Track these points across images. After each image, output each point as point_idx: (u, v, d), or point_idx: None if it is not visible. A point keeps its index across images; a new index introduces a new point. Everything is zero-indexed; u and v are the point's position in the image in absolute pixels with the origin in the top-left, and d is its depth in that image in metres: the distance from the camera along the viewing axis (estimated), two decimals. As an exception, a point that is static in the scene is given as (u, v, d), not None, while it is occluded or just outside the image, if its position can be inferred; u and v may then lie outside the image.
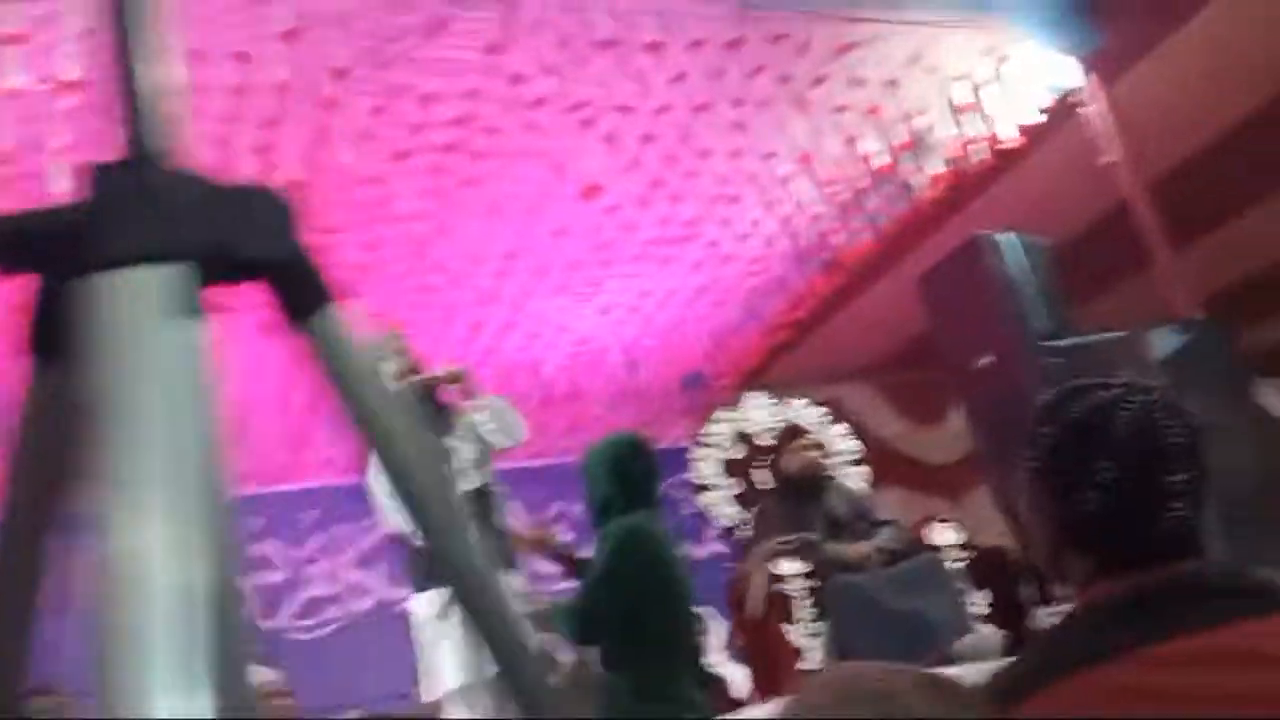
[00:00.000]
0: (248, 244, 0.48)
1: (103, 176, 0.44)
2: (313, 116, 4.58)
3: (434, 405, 4.12)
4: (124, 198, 0.44)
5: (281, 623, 7.46)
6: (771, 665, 4.56)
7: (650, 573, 3.42)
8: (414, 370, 4.16)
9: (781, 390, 5.93)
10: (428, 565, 4.00)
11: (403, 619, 6.94)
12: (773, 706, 4.02)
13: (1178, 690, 1.20)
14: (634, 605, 3.34)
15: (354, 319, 0.52)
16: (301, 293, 0.50)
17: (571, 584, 3.81)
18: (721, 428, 5.54)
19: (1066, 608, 1.40)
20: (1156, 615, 1.26)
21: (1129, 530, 1.27)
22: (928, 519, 5.75)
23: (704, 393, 8.58)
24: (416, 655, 4.13)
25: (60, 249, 0.45)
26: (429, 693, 4.11)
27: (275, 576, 7.55)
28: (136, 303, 0.42)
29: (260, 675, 4.62)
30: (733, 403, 5.81)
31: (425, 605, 4.05)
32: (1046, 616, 4.62)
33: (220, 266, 0.46)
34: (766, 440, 5.42)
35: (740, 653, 5.50)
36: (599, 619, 3.39)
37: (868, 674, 1.06)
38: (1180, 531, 1.27)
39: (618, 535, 3.42)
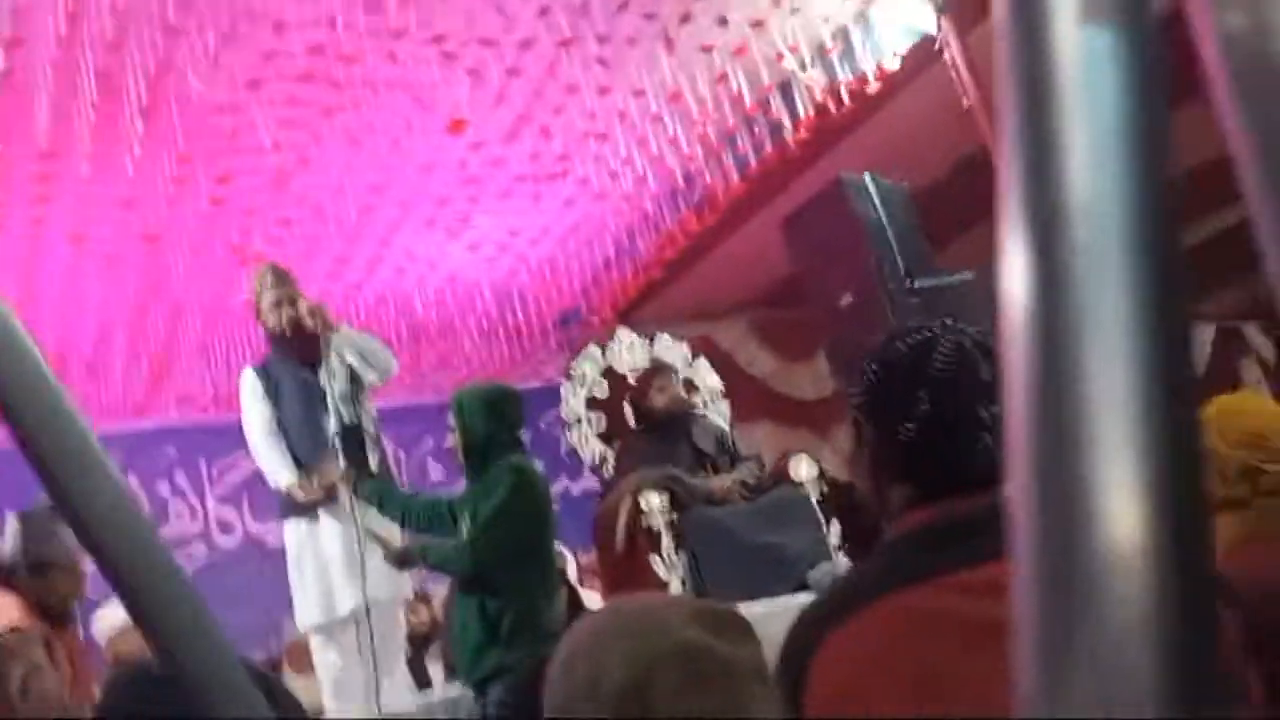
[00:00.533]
0: None
1: None
2: (156, 42, 4.41)
3: (302, 340, 4.04)
4: None
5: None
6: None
7: (542, 509, 3.70)
8: (288, 298, 4.07)
9: (654, 327, 5.97)
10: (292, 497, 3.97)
11: (270, 554, 6.92)
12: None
13: (977, 616, 1.25)
14: (526, 539, 3.56)
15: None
16: None
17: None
18: (588, 365, 5.56)
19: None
20: (963, 542, 1.32)
21: (942, 460, 1.34)
22: (790, 453, 5.89)
23: (579, 330, 8.60)
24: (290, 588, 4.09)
25: None
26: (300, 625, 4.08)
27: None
28: None
29: (117, 611, 4.54)
30: (600, 340, 5.83)
31: (291, 535, 4.02)
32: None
33: None
34: (633, 377, 5.46)
35: (604, 585, 5.58)
36: (495, 552, 3.50)
37: (641, 605, 1.09)
38: (990, 463, 1.32)
39: (514, 473, 3.62)
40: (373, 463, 4.19)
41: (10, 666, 3.20)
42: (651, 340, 5.70)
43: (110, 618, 4.55)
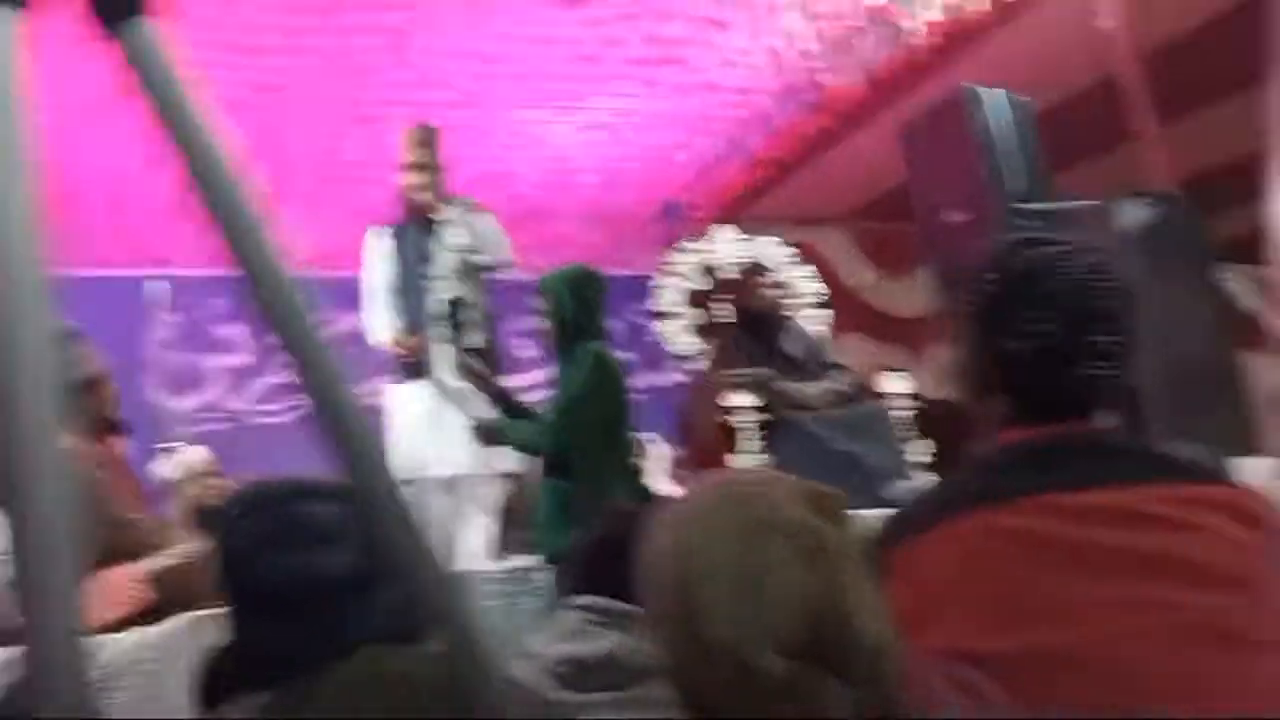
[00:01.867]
0: None
1: None
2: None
3: (423, 210, 4.07)
4: None
5: (245, 405, 7.54)
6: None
7: (621, 393, 3.71)
8: (418, 165, 4.09)
9: (755, 228, 5.90)
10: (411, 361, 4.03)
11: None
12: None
13: (1059, 537, 1.24)
14: (606, 421, 3.61)
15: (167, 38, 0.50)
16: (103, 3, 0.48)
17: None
18: (688, 258, 5.54)
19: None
20: (1059, 465, 1.30)
21: (1049, 380, 1.32)
22: (882, 367, 5.83)
23: (679, 222, 8.53)
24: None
25: None
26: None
27: (240, 359, 7.59)
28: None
29: (194, 454, 4.71)
30: (701, 235, 5.79)
31: (397, 395, 4.10)
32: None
33: None
34: (731, 275, 5.42)
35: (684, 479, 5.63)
36: (571, 434, 3.56)
37: (750, 480, 1.08)
38: (1098, 389, 1.32)
39: (596, 356, 3.65)
40: (480, 341, 4.24)
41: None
42: (755, 239, 5.65)
43: (185, 462, 4.71)
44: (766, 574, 0.96)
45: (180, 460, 4.71)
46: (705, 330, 5.45)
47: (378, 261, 4.10)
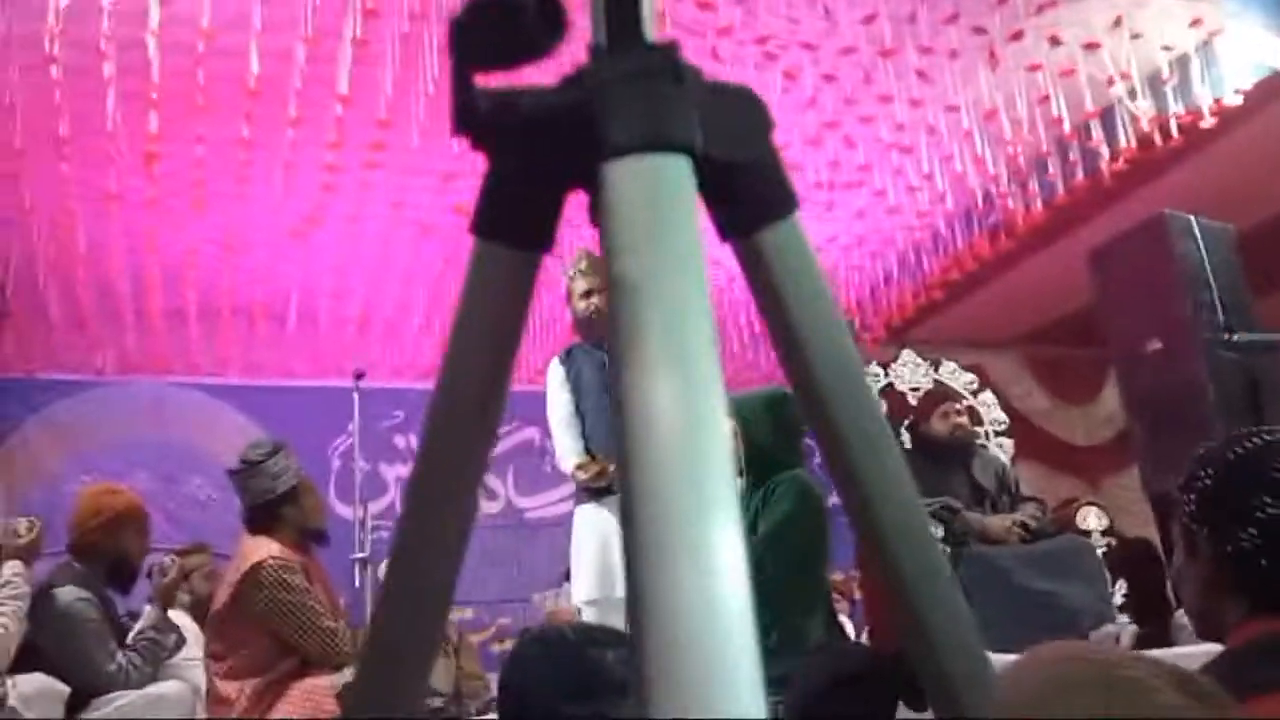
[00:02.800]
0: (729, 140, 0.45)
1: (596, 58, 0.42)
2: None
3: (605, 328, 4.12)
4: (625, 82, 0.42)
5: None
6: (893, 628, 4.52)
7: (822, 525, 3.60)
8: (598, 289, 4.17)
9: (927, 349, 5.80)
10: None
11: (526, 524, 7.13)
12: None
13: None
14: (806, 554, 3.51)
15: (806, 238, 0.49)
16: (764, 200, 0.48)
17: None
18: (869, 382, 5.46)
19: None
20: None
21: None
22: (1070, 501, 5.61)
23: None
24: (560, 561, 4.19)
25: (557, 130, 0.43)
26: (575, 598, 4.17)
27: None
28: (656, 190, 0.40)
29: None
30: (880, 356, 5.71)
31: (579, 517, 4.10)
32: (1185, 616, 4.48)
33: (704, 164, 0.43)
34: (913, 398, 5.31)
35: (865, 609, 5.48)
36: (776, 564, 3.49)
37: (1109, 658, 1.01)
38: None
39: (798, 486, 3.57)
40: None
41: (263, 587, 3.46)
42: (937, 364, 5.54)
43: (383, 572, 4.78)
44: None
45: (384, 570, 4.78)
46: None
47: (560, 389, 4.16)
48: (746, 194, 0.47)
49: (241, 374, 7.49)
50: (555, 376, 4.18)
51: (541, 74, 0.47)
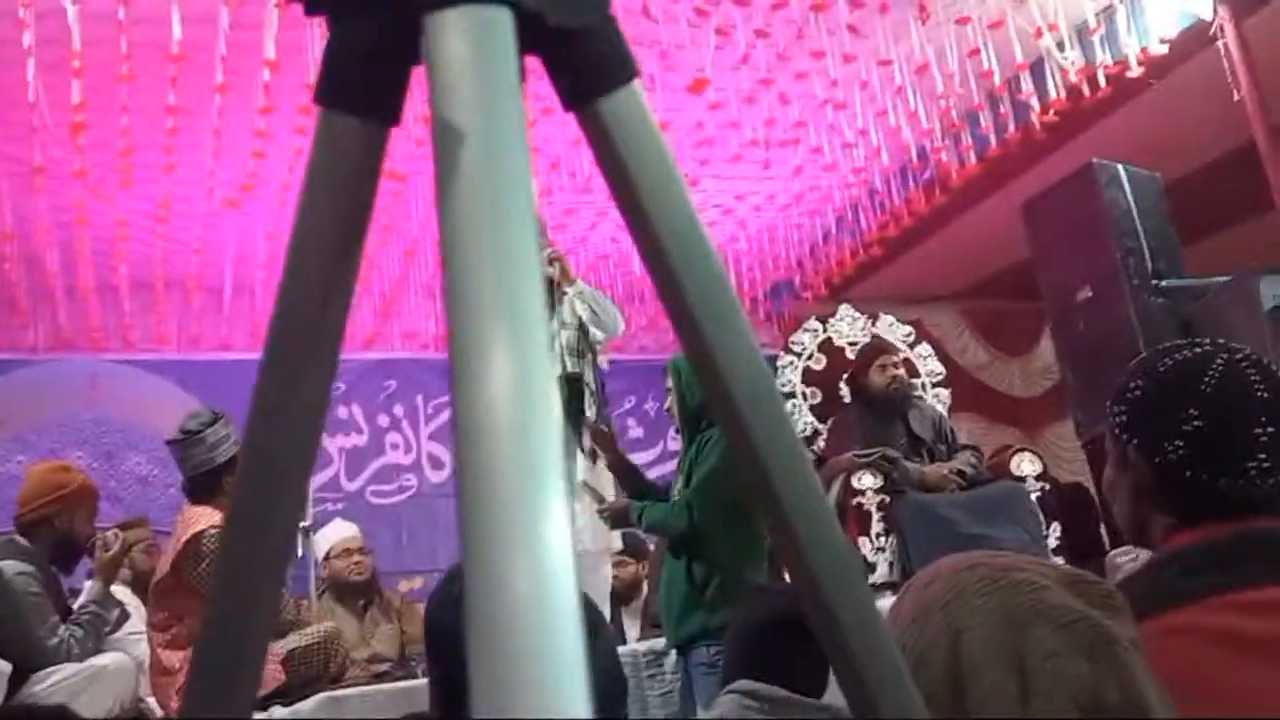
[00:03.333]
0: (562, 3, 0.46)
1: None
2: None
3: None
4: None
5: (360, 485, 7.67)
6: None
7: None
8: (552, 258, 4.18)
9: (866, 307, 5.86)
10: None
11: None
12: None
13: (1254, 634, 1.21)
14: (736, 504, 3.49)
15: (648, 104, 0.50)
16: (602, 67, 0.48)
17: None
18: (807, 336, 5.50)
19: (1138, 550, 1.42)
20: (1238, 564, 1.26)
21: (1212, 481, 1.28)
22: (1005, 448, 5.71)
23: (790, 302, 8.53)
24: None
25: None
26: None
27: (358, 440, 7.73)
28: (474, 37, 0.41)
29: (348, 530, 4.77)
30: (821, 313, 5.76)
31: None
32: (1119, 556, 4.58)
33: (528, 24, 0.44)
34: (851, 353, 5.37)
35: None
36: (707, 514, 3.50)
37: (1006, 562, 1.04)
38: (1263, 485, 1.27)
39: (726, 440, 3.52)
40: (591, 414, 4.25)
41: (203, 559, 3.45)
42: (874, 318, 5.60)
43: (329, 539, 4.76)
44: (1031, 664, 0.91)
45: (329, 536, 4.76)
46: (825, 409, 5.38)
47: None
48: (583, 61, 0.48)
49: (179, 348, 7.39)
50: None
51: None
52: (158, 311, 7.18)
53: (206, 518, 3.54)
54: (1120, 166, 5.12)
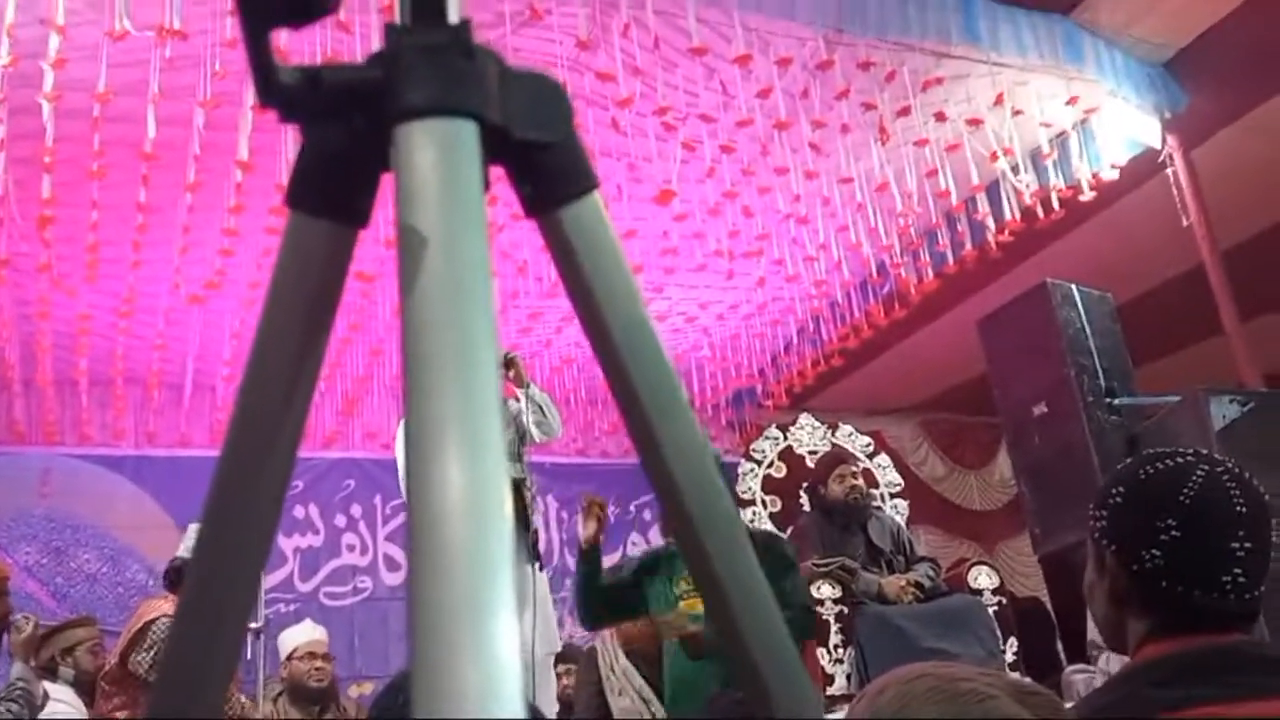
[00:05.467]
0: (527, 119, 0.49)
1: (394, 36, 0.46)
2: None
3: None
4: (418, 55, 0.45)
5: (314, 586, 7.53)
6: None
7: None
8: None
9: (828, 416, 5.92)
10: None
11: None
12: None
13: None
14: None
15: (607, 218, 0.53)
16: (564, 179, 0.51)
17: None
18: (768, 444, 5.54)
19: (1095, 669, 1.42)
20: (1214, 678, 1.26)
21: (1187, 592, 1.28)
22: (962, 560, 5.73)
23: (752, 410, 8.59)
24: None
25: (357, 101, 0.47)
26: None
27: (314, 540, 7.62)
28: (441, 148, 0.44)
29: (315, 633, 4.66)
30: (783, 421, 5.81)
31: None
32: (1075, 673, 4.58)
33: (496, 138, 0.47)
34: (811, 462, 5.41)
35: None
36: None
37: (953, 671, 1.06)
38: (1238, 599, 1.28)
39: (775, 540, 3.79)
40: (537, 520, 4.26)
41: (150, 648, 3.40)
42: (834, 428, 5.65)
43: (295, 639, 4.65)
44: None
45: (296, 636, 4.62)
46: (785, 518, 5.40)
47: None
48: (546, 172, 0.51)
49: (135, 444, 7.32)
50: None
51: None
52: (115, 406, 7.13)
53: (159, 607, 3.51)
54: (1073, 286, 5.25)
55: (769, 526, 5.35)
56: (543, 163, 0.51)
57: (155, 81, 4.44)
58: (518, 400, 4.27)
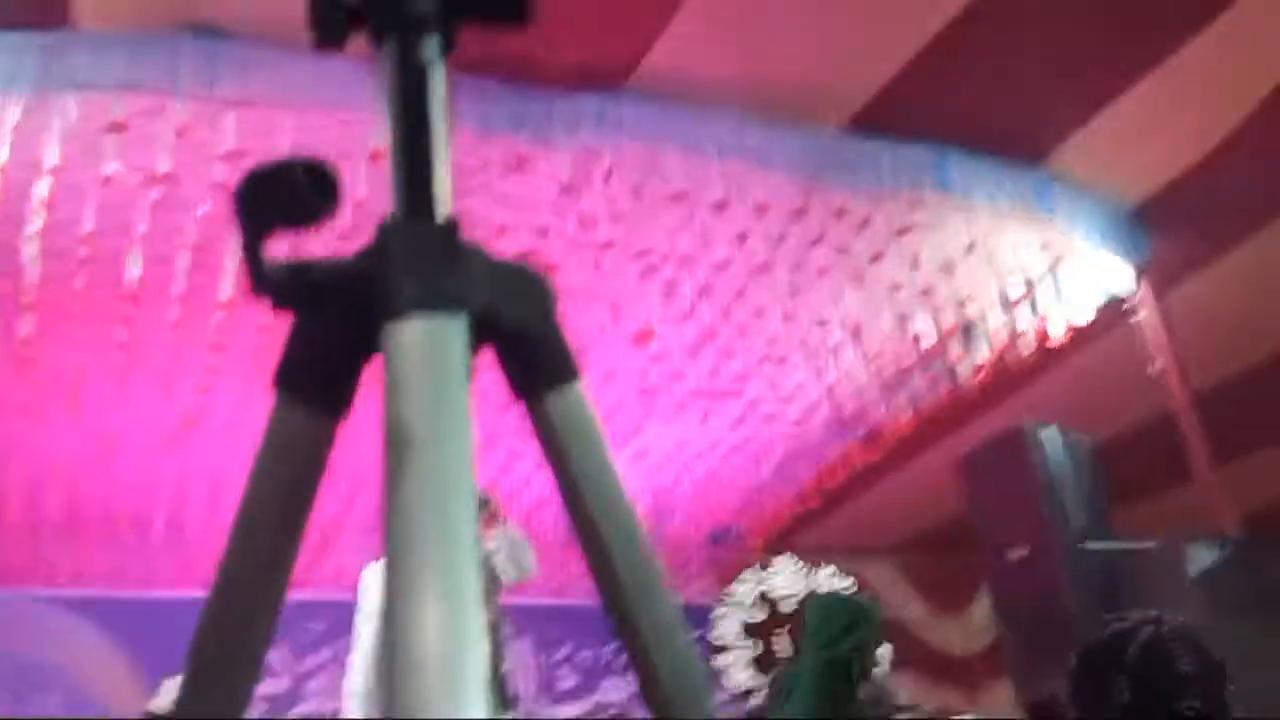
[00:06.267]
0: (513, 309, 0.51)
1: (385, 231, 0.48)
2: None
3: None
4: (409, 251, 0.47)
5: (277, 733, 7.30)
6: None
7: None
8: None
9: (806, 558, 5.88)
10: None
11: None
12: None
13: None
14: None
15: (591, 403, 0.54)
16: (549, 365, 0.53)
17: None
18: (746, 589, 5.49)
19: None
20: None
21: None
22: (944, 710, 5.63)
23: (730, 550, 8.51)
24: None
25: (347, 294, 0.48)
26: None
27: (277, 685, 7.40)
28: (429, 349, 0.45)
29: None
30: (760, 565, 5.76)
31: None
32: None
33: (484, 328, 0.49)
34: (790, 606, 5.34)
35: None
36: None
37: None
38: None
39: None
40: (508, 664, 4.19)
41: None
42: (813, 570, 5.61)
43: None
44: None
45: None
46: (763, 663, 5.31)
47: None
48: (531, 359, 0.53)
49: (104, 584, 7.17)
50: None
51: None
52: (85, 547, 7.01)
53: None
54: (1053, 429, 5.29)
55: (748, 673, 5.27)
56: (529, 349, 0.53)
57: (143, 223, 4.50)
58: (489, 542, 4.23)
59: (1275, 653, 4.43)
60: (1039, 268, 6.04)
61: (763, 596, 5.44)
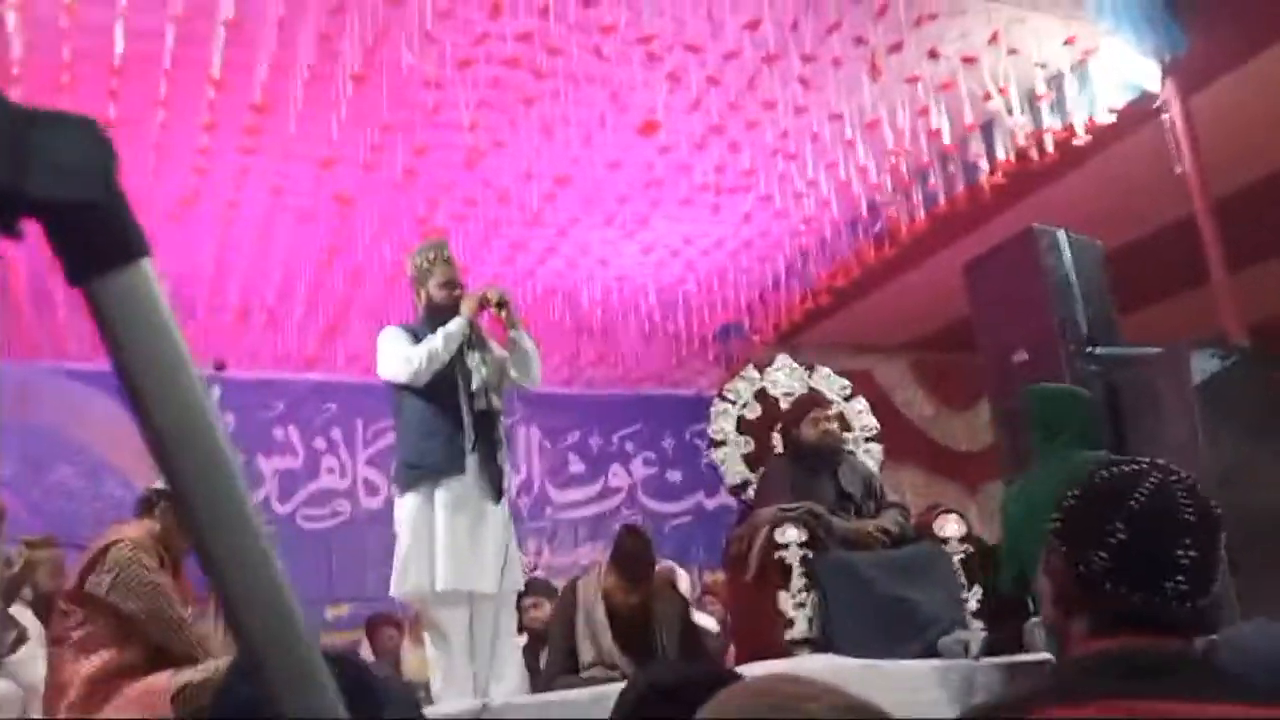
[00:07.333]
0: (62, 181, 0.43)
1: None
2: (377, 10, 4.54)
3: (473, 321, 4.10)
4: None
5: (292, 509, 7.54)
6: (758, 630, 4.53)
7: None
8: (457, 282, 4.14)
9: (814, 354, 5.86)
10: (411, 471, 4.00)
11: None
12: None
13: None
14: None
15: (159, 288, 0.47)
16: (104, 244, 0.45)
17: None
18: (743, 385, 5.48)
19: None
20: (1139, 677, 1.29)
21: (1129, 594, 1.32)
22: (933, 507, 5.70)
23: (738, 346, 8.54)
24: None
25: None
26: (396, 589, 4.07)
27: (292, 462, 7.61)
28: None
29: None
30: (758, 361, 5.75)
31: (405, 508, 4.02)
32: (1036, 626, 4.57)
33: (17, 198, 0.41)
34: (785, 404, 5.35)
35: (729, 611, 5.53)
36: None
37: (791, 692, 1.03)
38: (1180, 606, 1.31)
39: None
40: (504, 454, 4.23)
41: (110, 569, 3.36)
42: (810, 369, 5.59)
43: None
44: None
45: None
46: (757, 458, 5.35)
47: (398, 344, 4.05)
48: (83, 238, 0.45)
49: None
50: (398, 337, 4.10)
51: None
52: (91, 321, 7.06)
53: (124, 531, 3.46)
54: (1061, 232, 5.16)
55: (740, 468, 5.32)
56: (78, 227, 0.45)
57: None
58: (503, 345, 4.23)
59: (1273, 460, 4.45)
60: (1065, 62, 5.78)
61: (759, 393, 5.43)
